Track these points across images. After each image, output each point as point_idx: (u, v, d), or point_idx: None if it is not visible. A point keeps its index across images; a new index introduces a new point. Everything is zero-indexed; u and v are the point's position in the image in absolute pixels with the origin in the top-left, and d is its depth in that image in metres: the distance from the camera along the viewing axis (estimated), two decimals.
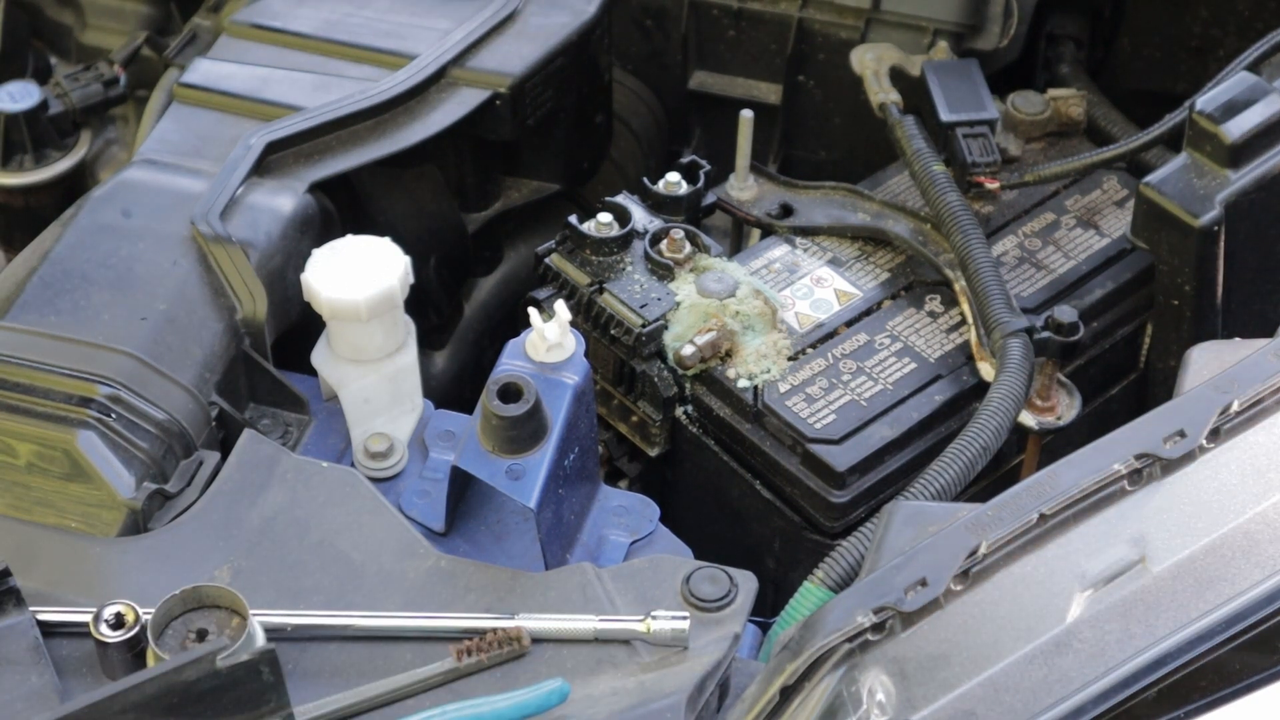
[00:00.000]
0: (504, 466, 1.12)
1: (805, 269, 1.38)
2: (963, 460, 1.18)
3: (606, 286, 1.33)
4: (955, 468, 1.18)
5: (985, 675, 0.96)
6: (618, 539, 1.21)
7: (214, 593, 1.00)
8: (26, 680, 1.00)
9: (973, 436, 1.20)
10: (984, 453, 1.20)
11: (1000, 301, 1.28)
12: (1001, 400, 1.23)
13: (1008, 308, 1.28)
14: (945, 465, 1.18)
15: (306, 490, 1.12)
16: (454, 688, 1.02)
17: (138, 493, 1.12)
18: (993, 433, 1.21)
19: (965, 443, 1.19)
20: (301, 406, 1.26)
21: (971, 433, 1.20)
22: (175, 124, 1.39)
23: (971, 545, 1.00)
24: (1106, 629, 0.97)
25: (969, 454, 1.19)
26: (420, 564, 1.08)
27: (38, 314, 1.21)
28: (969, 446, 1.19)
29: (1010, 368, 1.24)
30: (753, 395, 1.28)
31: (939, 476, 1.18)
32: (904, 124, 1.43)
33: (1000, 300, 1.28)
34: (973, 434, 1.20)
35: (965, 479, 1.18)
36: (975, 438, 1.20)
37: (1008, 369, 1.24)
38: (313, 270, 1.23)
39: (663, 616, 1.02)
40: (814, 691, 0.96)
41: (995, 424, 1.21)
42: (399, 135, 1.40)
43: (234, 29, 1.49)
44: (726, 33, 1.66)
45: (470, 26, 1.46)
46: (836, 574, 1.10)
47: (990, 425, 1.21)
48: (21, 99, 1.59)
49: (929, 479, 1.18)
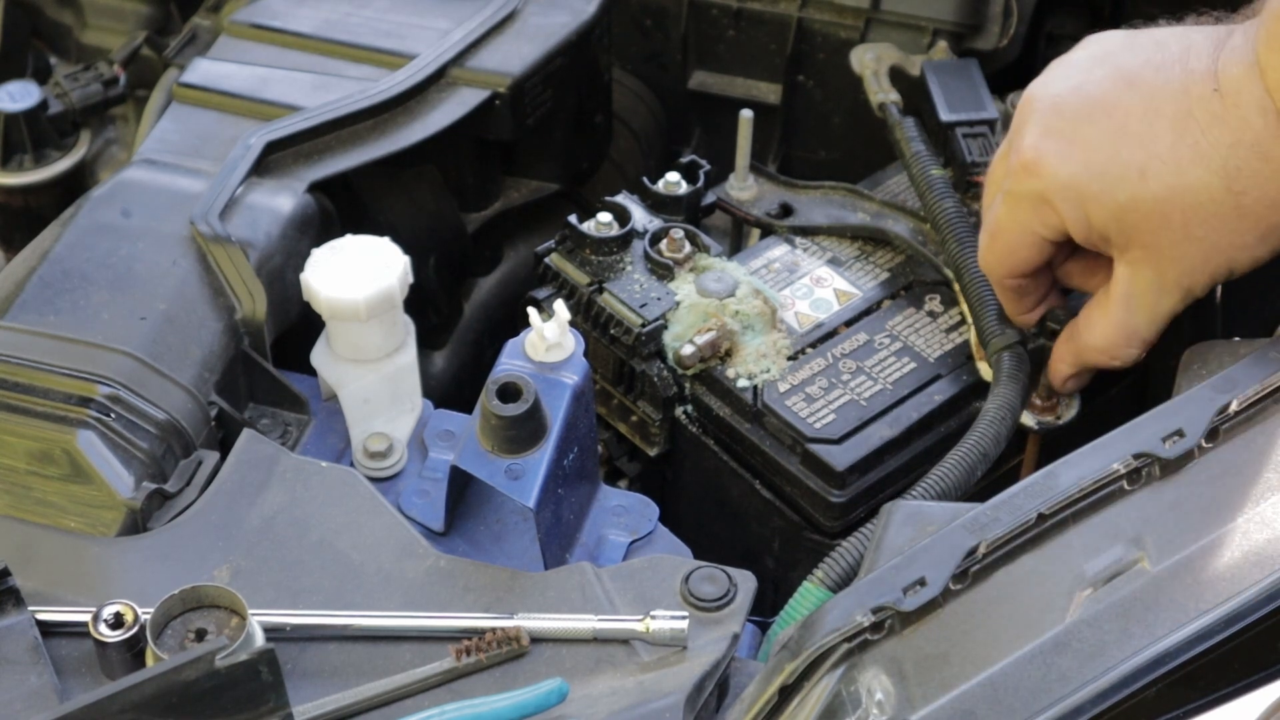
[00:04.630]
0: (503, 466, 1.12)
1: (805, 269, 1.38)
2: (962, 469, 1.18)
3: (606, 286, 1.33)
4: (954, 476, 1.18)
5: (984, 675, 0.96)
6: (617, 539, 1.21)
7: (213, 592, 1.00)
8: (26, 680, 1.00)
9: (971, 445, 1.20)
10: (984, 460, 1.20)
11: (994, 313, 1.28)
12: (998, 409, 1.23)
13: (1000, 320, 1.28)
14: (944, 474, 1.18)
15: (306, 490, 1.12)
16: (453, 687, 1.02)
17: (137, 492, 1.12)
18: (992, 441, 1.21)
19: (964, 452, 1.19)
20: (301, 406, 1.26)
21: (970, 442, 1.20)
22: (175, 124, 1.39)
23: (970, 545, 1.00)
24: (1105, 628, 0.97)
25: (968, 462, 1.18)
26: (419, 564, 1.08)
27: (37, 314, 1.21)
28: (969, 455, 1.19)
29: (1003, 381, 1.25)
30: (752, 395, 1.28)
31: (937, 485, 1.17)
32: (903, 125, 1.43)
33: (994, 311, 1.28)
34: (971, 443, 1.20)
35: (964, 488, 1.18)
36: (974, 447, 1.20)
37: (1000, 383, 1.25)
38: (312, 270, 1.23)
39: (662, 616, 1.02)
40: (813, 691, 0.96)
41: (994, 432, 1.21)
42: (398, 135, 1.40)
43: (234, 29, 1.49)
44: (726, 33, 1.66)
45: (470, 26, 1.47)
46: (836, 574, 1.10)
47: (990, 434, 1.21)
48: (21, 99, 1.59)
49: (927, 488, 1.17)
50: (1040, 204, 1.18)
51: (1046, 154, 1.16)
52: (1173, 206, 1.12)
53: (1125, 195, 1.13)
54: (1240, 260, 1.15)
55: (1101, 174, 1.14)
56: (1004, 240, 1.22)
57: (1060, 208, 1.17)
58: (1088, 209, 1.15)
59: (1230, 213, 1.12)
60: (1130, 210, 1.14)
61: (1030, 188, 1.18)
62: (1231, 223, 1.12)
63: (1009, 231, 1.21)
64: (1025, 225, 1.20)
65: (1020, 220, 1.20)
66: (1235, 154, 1.10)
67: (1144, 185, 1.13)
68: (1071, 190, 1.16)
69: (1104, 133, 1.14)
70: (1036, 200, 1.18)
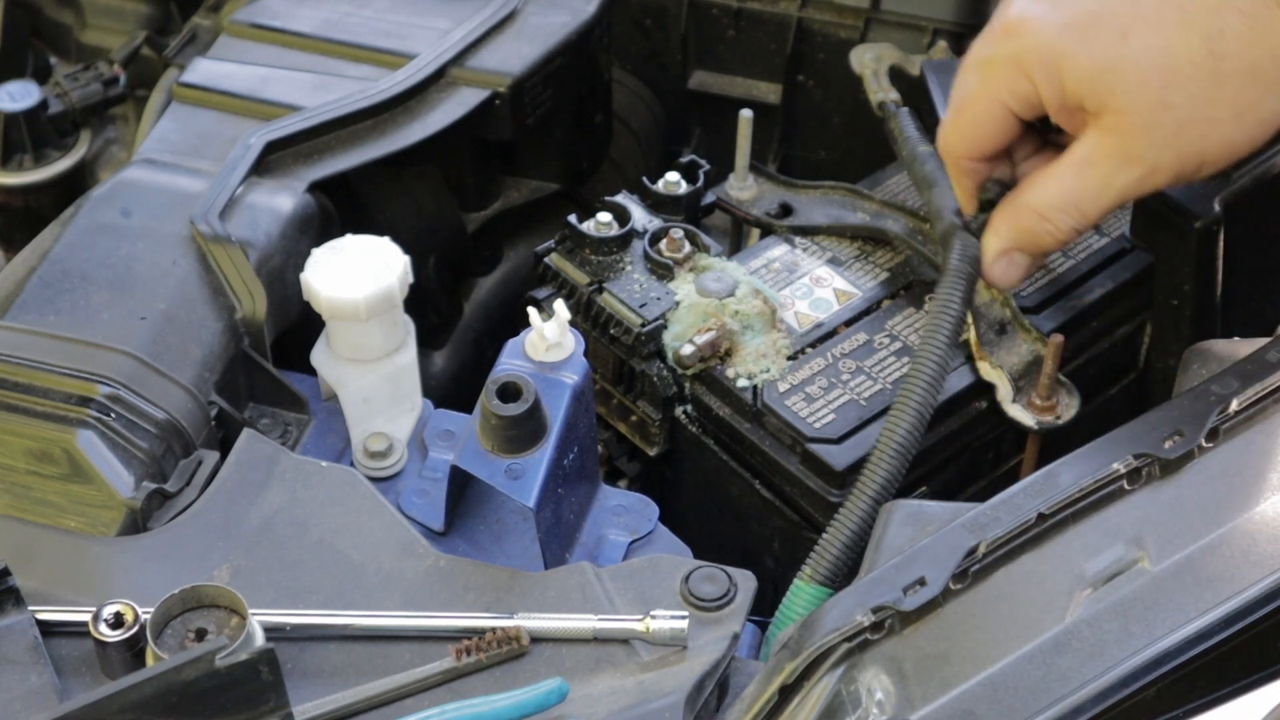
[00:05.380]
0: (503, 466, 1.13)
1: (804, 268, 1.38)
2: (923, 380, 1.17)
3: (606, 286, 1.33)
4: (918, 392, 1.16)
5: (984, 674, 0.96)
6: (617, 538, 1.21)
7: (213, 592, 1.00)
8: (25, 679, 1.00)
9: (926, 353, 1.18)
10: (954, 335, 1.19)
11: (945, 193, 1.27)
12: (946, 294, 1.21)
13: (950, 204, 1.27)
14: (914, 376, 1.17)
15: (306, 490, 1.12)
16: (453, 687, 1.02)
17: (137, 492, 1.12)
18: (949, 332, 1.19)
19: (920, 360, 1.18)
20: (301, 406, 1.26)
21: (923, 350, 1.18)
22: (175, 124, 1.39)
23: (970, 545, 1.00)
24: (1105, 628, 0.97)
25: (928, 371, 1.17)
26: (419, 563, 1.08)
27: (37, 313, 1.21)
28: (924, 365, 1.18)
29: (951, 263, 1.22)
30: (752, 395, 1.28)
31: (904, 408, 1.16)
32: (899, 116, 1.42)
33: (945, 192, 1.27)
34: (924, 350, 1.18)
35: (940, 380, 1.17)
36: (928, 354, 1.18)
37: (949, 266, 1.22)
38: (312, 269, 1.23)
39: (662, 616, 1.03)
40: (813, 691, 0.96)
41: (949, 320, 1.19)
42: (398, 135, 1.40)
43: (234, 29, 1.49)
44: (726, 32, 1.66)
45: (470, 26, 1.47)
46: (823, 567, 1.10)
47: (945, 325, 1.19)
48: (21, 99, 1.59)
49: (904, 400, 1.16)
50: (1015, 69, 1.15)
51: (1030, 15, 1.14)
52: (1151, 69, 1.10)
53: (1104, 56, 1.11)
54: (1212, 142, 1.12)
55: (1082, 34, 1.12)
56: (970, 113, 1.20)
57: (1036, 72, 1.14)
58: (1064, 71, 1.13)
59: (1208, 78, 1.09)
60: (1107, 71, 1.11)
61: (1008, 50, 1.16)
62: (1209, 90, 1.10)
63: (978, 102, 1.19)
64: (995, 95, 1.18)
65: (991, 89, 1.18)
66: (1220, 16, 1.08)
67: (1125, 45, 1.10)
68: (1050, 51, 1.13)
69: None
70: (1012, 65, 1.15)
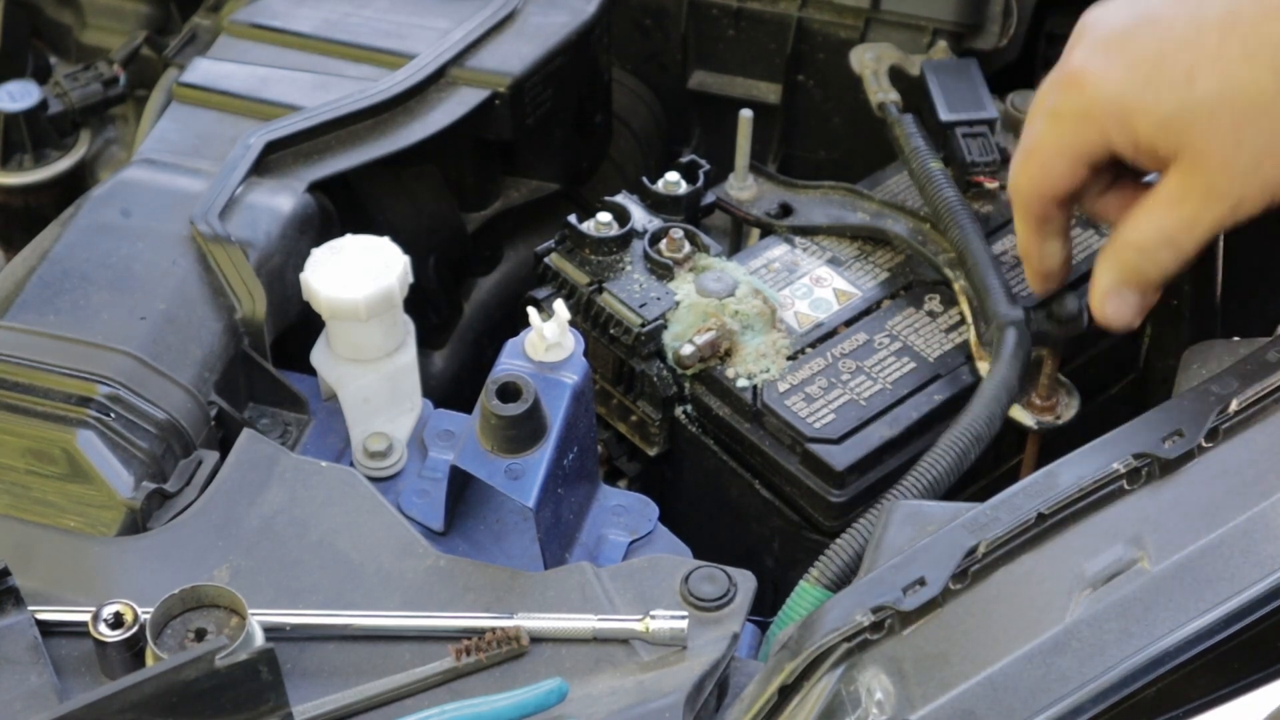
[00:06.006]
0: (503, 466, 1.12)
1: (804, 268, 1.38)
2: (955, 453, 1.17)
3: (606, 286, 1.33)
4: (947, 461, 1.17)
5: (984, 674, 0.96)
6: (617, 538, 1.21)
7: (213, 592, 1.00)
8: (25, 680, 1.00)
9: (964, 427, 1.19)
10: (977, 443, 1.19)
11: (999, 293, 1.27)
12: (994, 389, 1.22)
13: (1006, 299, 1.27)
14: (937, 459, 1.17)
15: (305, 490, 1.12)
16: (453, 687, 1.02)
17: (137, 492, 1.12)
18: (985, 422, 1.20)
19: (957, 435, 1.19)
20: (301, 406, 1.26)
21: (963, 424, 1.19)
22: (174, 124, 1.39)
23: (970, 545, 1.00)
24: (1105, 628, 0.97)
25: (960, 446, 1.18)
26: (419, 563, 1.08)
27: (37, 313, 1.21)
28: (961, 438, 1.18)
29: (1003, 358, 1.24)
30: (752, 395, 1.28)
31: (931, 469, 1.17)
32: (902, 122, 1.43)
33: (999, 292, 1.27)
34: (964, 425, 1.19)
35: (958, 471, 1.17)
36: (967, 429, 1.19)
37: (1000, 359, 1.24)
38: (312, 270, 1.23)
39: (661, 616, 1.02)
40: (813, 691, 0.96)
41: (988, 413, 1.20)
42: (398, 135, 1.40)
43: (233, 29, 1.49)
44: (726, 32, 1.66)
45: (470, 26, 1.47)
46: (832, 572, 1.10)
47: (983, 415, 1.20)
48: (21, 98, 1.59)
49: (921, 473, 1.17)
50: (1083, 121, 1.15)
51: (1092, 68, 1.13)
52: (1222, 109, 1.09)
53: (1172, 103, 1.10)
54: None
55: (1147, 83, 1.11)
56: (1040, 157, 1.19)
57: (1105, 124, 1.14)
58: (1134, 122, 1.12)
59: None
60: (1177, 117, 1.10)
61: (1074, 103, 1.15)
62: None
63: (1046, 148, 1.18)
64: (1064, 142, 1.17)
65: (1060, 137, 1.17)
66: None
67: (1191, 90, 1.09)
68: (1116, 104, 1.12)
69: (1150, 43, 1.11)
70: (1080, 117, 1.15)
